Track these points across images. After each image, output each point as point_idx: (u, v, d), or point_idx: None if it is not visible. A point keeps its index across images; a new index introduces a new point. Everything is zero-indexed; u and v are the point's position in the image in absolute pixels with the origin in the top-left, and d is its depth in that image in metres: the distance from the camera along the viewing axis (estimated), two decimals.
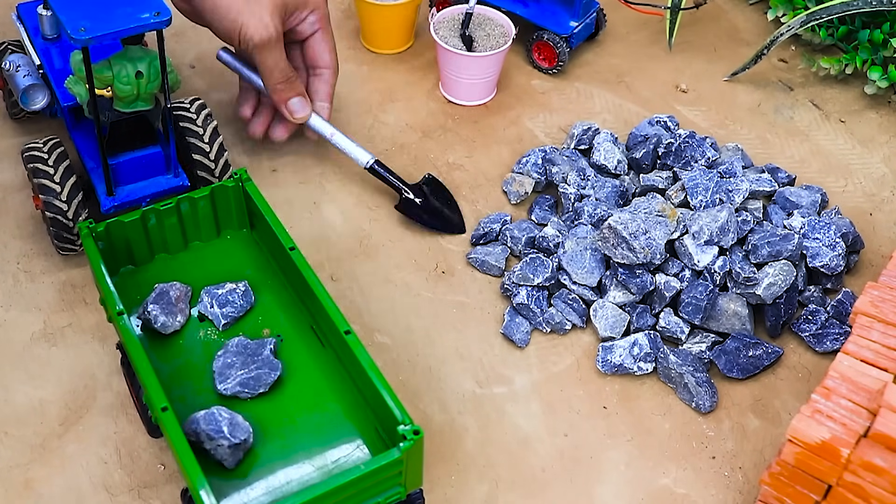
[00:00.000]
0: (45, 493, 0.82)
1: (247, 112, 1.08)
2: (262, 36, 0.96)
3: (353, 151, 1.03)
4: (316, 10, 1.02)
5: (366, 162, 1.03)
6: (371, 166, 1.03)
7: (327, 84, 1.06)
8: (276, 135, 1.07)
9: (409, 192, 1.02)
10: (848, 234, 0.97)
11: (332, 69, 1.06)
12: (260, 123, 1.07)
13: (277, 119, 1.07)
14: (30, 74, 1.00)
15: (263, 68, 0.99)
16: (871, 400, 0.70)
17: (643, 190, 1.01)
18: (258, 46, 0.97)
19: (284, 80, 1.00)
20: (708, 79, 1.23)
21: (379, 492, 0.71)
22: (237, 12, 0.95)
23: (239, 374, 0.79)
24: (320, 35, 1.04)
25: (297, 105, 1.02)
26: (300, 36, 1.04)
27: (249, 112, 1.08)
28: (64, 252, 0.96)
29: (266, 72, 1.00)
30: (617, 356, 0.90)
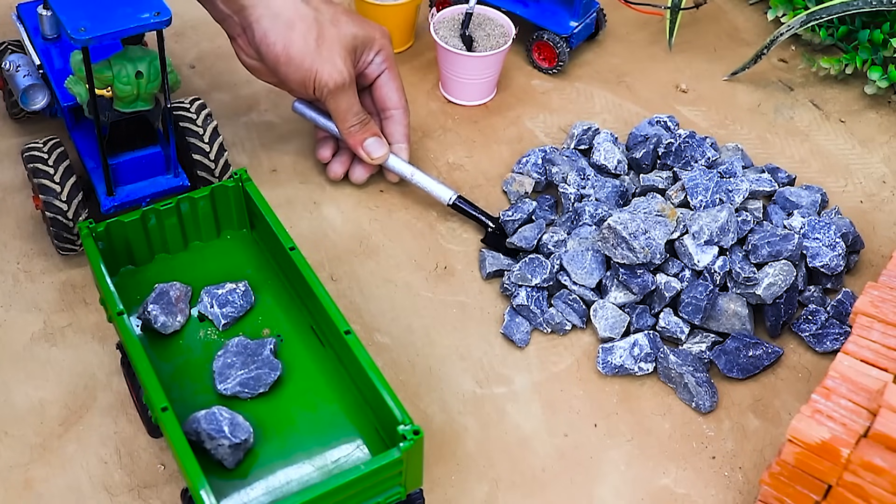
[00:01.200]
0: (45, 493, 0.82)
1: (326, 154, 1.06)
2: (336, 81, 0.97)
3: (434, 189, 1.02)
4: (382, 49, 1.02)
5: (448, 199, 1.01)
6: (454, 203, 1.01)
7: (401, 125, 1.05)
8: (356, 176, 1.06)
9: (495, 226, 1.00)
10: (848, 234, 0.97)
11: (404, 109, 1.05)
12: (340, 164, 1.06)
13: (357, 161, 1.06)
14: (30, 74, 1.00)
15: (337, 113, 1.00)
16: (871, 400, 0.70)
17: (643, 190, 1.01)
18: (332, 92, 0.98)
19: (358, 122, 1.00)
20: (708, 79, 1.23)
21: (379, 492, 0.71)
22: (311, 60, 0.96)
23: (239, 374, 0.79)
24: (388, 75, 1.03)
25: (373, 146, 1.02)
26: (368, 79, 1.04)
27: (329, 154, 1.06)
28: (64, 252, 0.96)
29: (340, 116, 1.00)
30: (617, 357, 0.90)
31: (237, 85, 1.18)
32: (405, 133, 1.05)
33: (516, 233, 0.98)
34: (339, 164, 1.06)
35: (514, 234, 0.98)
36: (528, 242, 0.97)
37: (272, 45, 0.96)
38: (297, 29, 0.96)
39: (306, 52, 0.96)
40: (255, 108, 1.15)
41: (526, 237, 0.97)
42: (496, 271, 0.97)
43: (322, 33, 0.97)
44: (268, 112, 1.15)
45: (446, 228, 1.03)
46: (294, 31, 0.96)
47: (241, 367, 0.79)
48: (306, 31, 0.96)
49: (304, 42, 0.96)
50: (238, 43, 1.00)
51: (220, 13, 0.99)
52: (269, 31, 0.96)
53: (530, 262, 0.94)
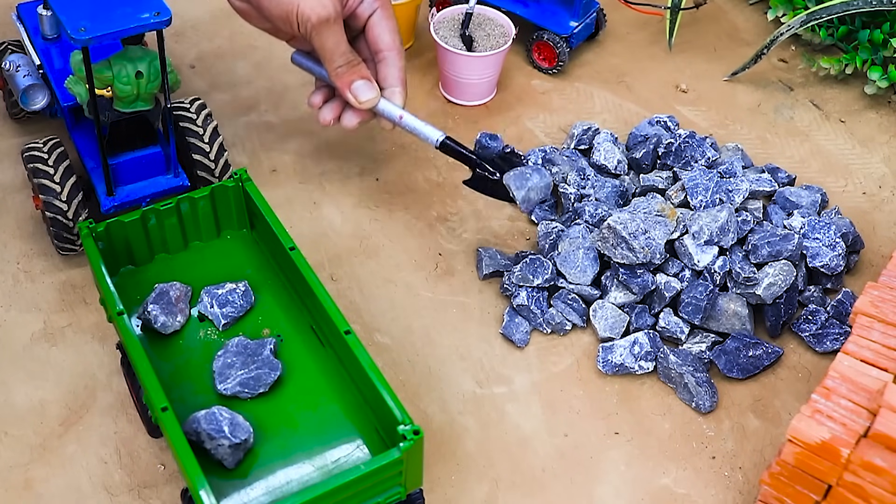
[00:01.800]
0: (45, 493, 0.82)
1: (317, 100, 1.01)
2: (319, 15, 0.91)
3: (423, 130, 0.97)
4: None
5: (436, 139, 0.97)
6: (442, 142, 0.96)
7: (395, 67, 0.98)
8: (346, 122, 1.00)
9: (484, 168, 0.96)
10: (848, 234, 0.97)
11: (398, 50, 0.98)
12: (330, 110, 1.00)
13: (348, 106, 1.00)
14: (30, 74, 1.00)
15: (323, 51, 0.94)
16: (871, 400, 0.70)
17: (643, 190, 1.01)
18: (316, 27, 0.92)
19: (346, 62, 0.94)
20: (708, 79, 1.23)
21: (379, 492, 0.71)
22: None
23: (239, 374, 0.79)
24: (380, 14, 0.97)
25: (361, 88, 0.95)
26: (360, 21, 0.97)
27: (319, 101, 1.01)
28: (64, 252, 0.96)
29: (326, 54, 0.94)
30: (618, 356, 0.90)
31: (237, 85, 1.19)
32: (400, 76, 0.98)
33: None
34: (329, 109, 1.00)
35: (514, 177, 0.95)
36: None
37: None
38: None
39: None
40: (255, 108, 1.15)
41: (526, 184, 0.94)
42: (493, 272, 0.97)
43: None
44: (268, 112, 1.15)
45: (446, 228, 1.03)
46: None
47: (241, 367, 0.79)
48: None
49: None
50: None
51: None
52: None
53: (531, 262, 0.94)
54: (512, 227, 1.04)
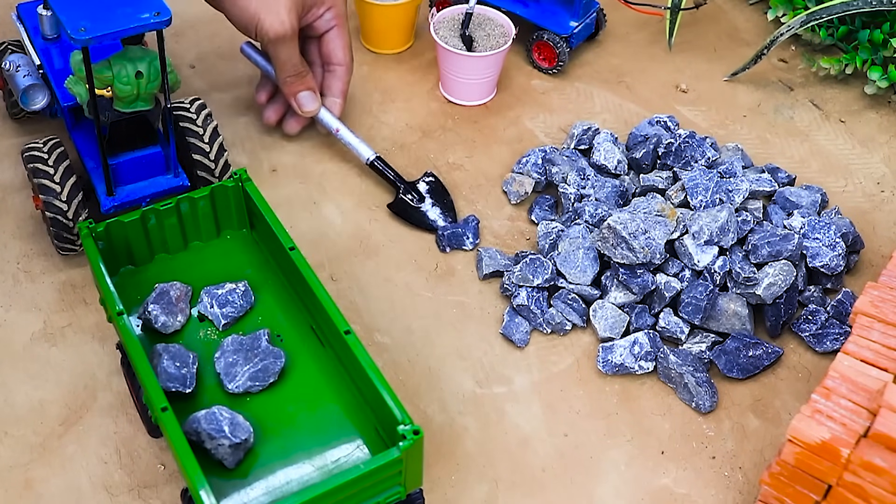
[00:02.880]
0: (45, 493, 0.82)
1: (262, 98, 1.10)
2: (276, 31, 0.99)
3: (357, 146, 1.06)
4: (333, 7, 1.05)
5: (367, 158, 1.05)
6: (372, 162, 1.05)
7: (340, 80, 1.08)
8: (288, 127, 1.10)
9: (406, 192, 1.04)
10: (848, 234, 0.97)
11: (346, 66, 1.08)
12: (274, 111, 1.10)
13: (291, 112, 1.10)
14: (30, 74, 1.00)
15: (276, 62, 1.03)
16: (871, 400, 0.70)
17: (643, 190, 1.01)
18: (273, 41, 1.00)
19: (295, 73, 1.03)
20: (708, 79, 1.23)
21: (379, 491, 0.71)
22: (256, 7, 0.99)
23: (245, 369, 0.79)
24: (336, 32, 1.06)
25: (305, 98, 1.05)
26: (316, 32, 1.06)
27: (265, 98, 1.10)
28: (64, 252, 0.96)
29: (279, 65, 1.03)
30: (618, 356, 0.90)
31: (237, 85, 1.19)
32: (342, 89, 1.08)
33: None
34: (273, 110, 1.10)
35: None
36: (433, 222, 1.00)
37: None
38: None
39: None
40: (255, 108, 1.15)
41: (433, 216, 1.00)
42: (494, 272, 0.97)
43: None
44: None
45: None
46: None
47: (245, 363, 0.79)
48: None
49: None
50: None
51: None
52: None
53: (531, 262, 0.94)
54: (512, 227, 1.04)
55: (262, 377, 0.79)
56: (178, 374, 0.78)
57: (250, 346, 0.81)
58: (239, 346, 0.81)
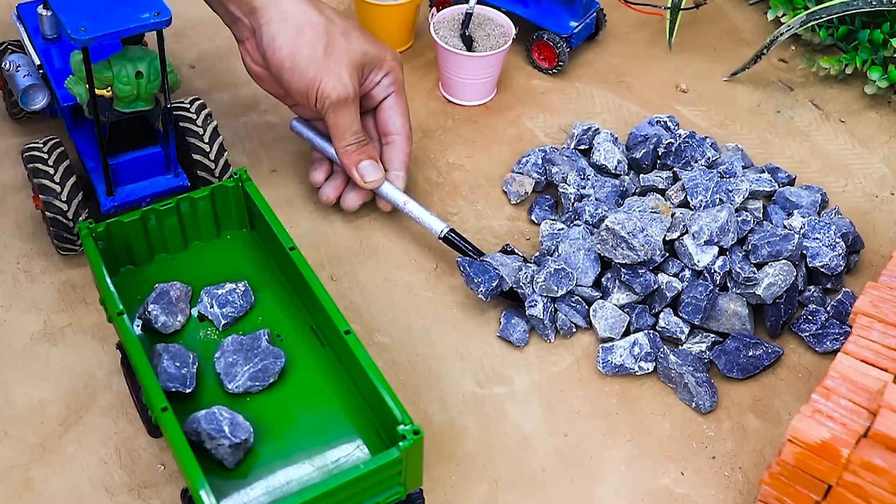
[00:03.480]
0: (45, 493, 0.82)
1: (319, 178, 1.03)
2: (339, 94, 0.94)
3: (427, 220, 0.98)
4: (391, 72, 0.99)
5: (440, 231, 0.97)
6: (445, 235, 0.97)
7: (401, 152, 1.01)
8: (348, 203, 1.02)
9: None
10: (848, 234, 0.97)
11: (406, 136, 1.01)
12: (333, 188, 1.02)
13: (350, 187, 1.02)
14: (30, 74, 1.00)
15: (336, 129, 0.96)
16: (871, 400, 0.70)
17: (643, 190, 1.01)
18: (334, 105, 0.94)
19: (356, 141, 0.97)
20: (708, 79, 1.23)
21: (379, 491, 0.71)
22: (316, 70, 0.93)
23: (245, 369, 0.79)
24: (394, 99, 1.00)
25: (368, 168, 0.98)
26: (373, 101, 1.01)
27: (322, 177, 1.03)
28: (64, 252, 0.96)
29: (338, 132, 0.96)
30: (617, 356, 0.90)
31: (237, 85, 1.19)
32: (404, 161, 1.01)
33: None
34: (331, 187, 1.02)
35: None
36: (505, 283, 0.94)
37: (278, 50, 0.94)
38: (305, 35, 0.93)
39: (312, 59, 0.93)
40: (255, 108, 1.15)
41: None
42: (505, 291, 0.94)
43: (331, 43, 0.94)
44: (268, 112, 1.15)
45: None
46: (303, 38, 0.93)
47: (245, 363, 0.79)
48: (315, 39, 0.94)
49: (311, 49, 0.93)
50: (245, 47, 0.98)
51: (231, 16, 0.97)
52: (277, 35, 0.93)
53: (557, 273, 0.92)
54: (512, 226, 1.04)
55: (262, 377, 0.79)
56: (178, 374, 0.78)
57: (250, 346, 0.81)
58: (239, 346, 0.81)
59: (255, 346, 0.80)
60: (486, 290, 0.91)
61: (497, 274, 0.92)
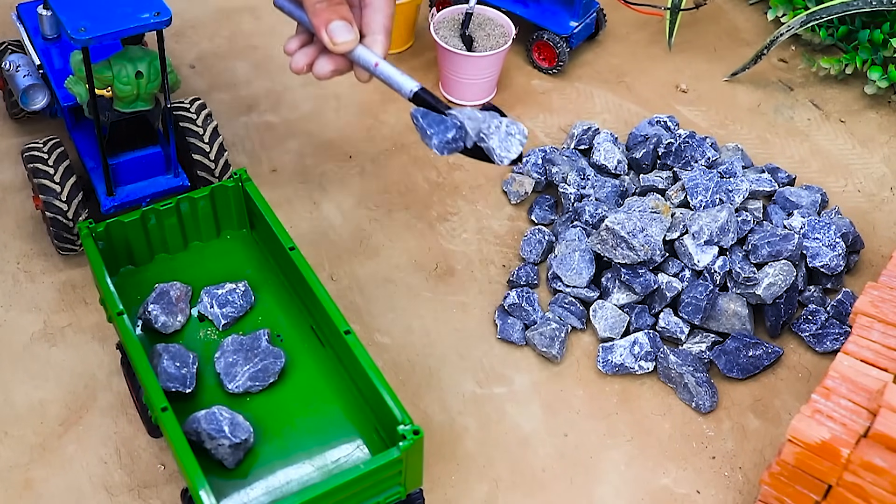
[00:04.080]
0: (45, 493, 0.82)
1: (292, 46, 0.91)
2: None
3: (398, 80, 0.87)
4: None
5: (410, 90, 0.86)
6: (416, 93, 0.86)
7: (381, 13, 0.90)
8: (319, 69, 0.90)
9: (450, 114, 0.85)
10: (848, 234, 0.97)
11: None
12: (304, 55, 0.90)
13: (323, 53, 0.90)
14: (30, 74, 1.00)
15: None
16: (871, 400, 0.70)
17: (643, 190, 1.01)
18: None
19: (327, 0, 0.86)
20: (708, 79, 1.23)
21: (379, 491, 0.71)
22: None
23: (245, 369, 0.79)
24: None
25: (339, 29, 0.86)
26: None
27: (295, 46, 0.91)
28: (64, 252, 0.96)
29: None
30: (618, 356, 0.90)
31: (237, 85, 1.19)
32: (384, 24, 0.90)
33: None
34: (303, 54, 0.90)
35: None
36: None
37: None
38: None
39: None
40: (255, 108, 1.15)
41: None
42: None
43: None
44: (268, 112, 1.15)
45: (446, 229, 1.03)
46: None
47: (245, 363, 0.79)
48: None
49: None
50: None
51: None
52: None
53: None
54: (512, 226, 1.04)
55: (262, 377, 0.79)
56: (178, 374, 0.78)
57: (250, 346, 0.81)
58: (239, 346, 0.81)
59: (255, 346, 0.80)
60: (440, 142, 0.80)
61: (454, 124, 0.82)
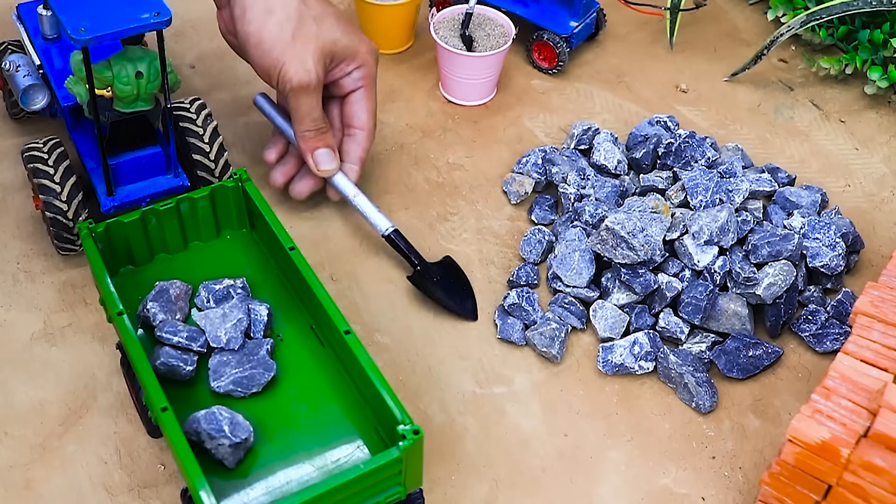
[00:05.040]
0: (45, 493, 0.82)
1: (271, 156, 1.02)
2: (301, 80, 0.92)
3: (373, 217, 0.97)
4: (363, 66, 0.98)
5: (384, 230, 0.97)
6: (388, 234, 0.97)
7: (360, 147, 1.00)
8: (297, 189, 1.01)
9: (423, 267, 0.96)
10: (848, 234, 0.97)
11: (368, 132, 1.00)
12: (282, 173, 1.02)
13: (302, 173, 1.01)
14: (30, 74, 1.00)
15: (296, 113, 0.95)
16: (871, 400, 0.70)
17: (643, 190, 1.01)
18: (295, 90, 0.93)
19: (315, 128, 0.96)
20: (708, 79, 1.23)
21: (379, 491, 0.71)
22: (280, 51, 0.92)
23: (233, 372, 0.79)
24: (362, 93, 0.99)
25: (323, 156, 0.97)
26: (341, 90, 0.99)
27: (274, 157, 1.02)
28: (64, 252, 0.96)
29: (298, 117, 0.95)
30: (618, 356, 0.90)
31: (237, 85, 1.19)
32: (361, 156, 1.00)
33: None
34: (280, 172, 1.02)
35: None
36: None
37: (247, 24, 0.93)
38: (275, 14, 0.92)
39: (278, 40, 0.92)
40: (254, 108, 1.15)
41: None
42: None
43: (301, 27, 0.93)
44: None
45: (446, 229, 1.03)
46: (271, 17, 0.92)
47: (235, 366, 0.79)
48: (284, 20, 0.92)
49: (278, 30, 0.92)
50: (221, 14, 0.98)
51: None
52: (247, 9, 0.93)
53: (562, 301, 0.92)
54: (512, 226, 1.04)
55: (246, 384, 0.79)
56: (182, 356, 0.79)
57: (250, 350, 0.80)
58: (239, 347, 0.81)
59: (254, 352, 0.80)
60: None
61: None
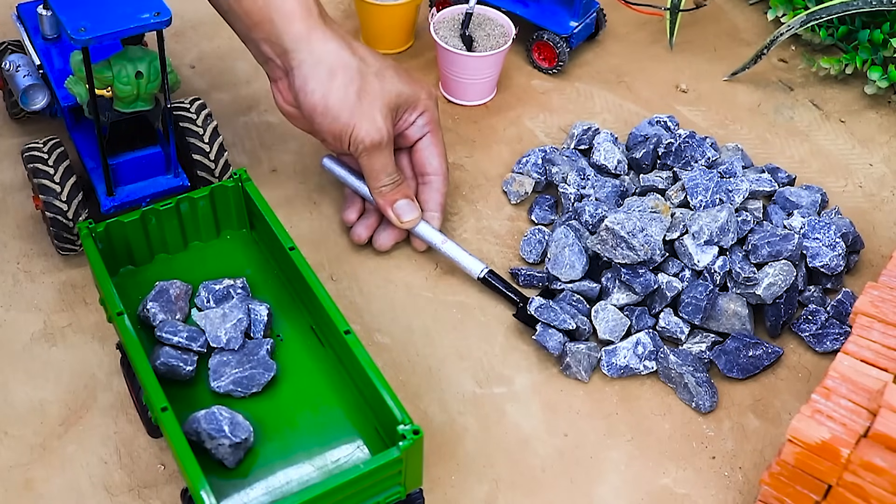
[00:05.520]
0: (45, 493, 0.82)
1: (351, 216, 1.00)
2: (373, 139, 0.92)
3: (465, 262, 0.96)
4: (426, 111, 0.97)
5: (478, 273, 0.95)
6: (484, 277, 0.95)
7: (437, 192, 0.99)
8: (381, 242, 0.99)
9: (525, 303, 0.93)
10: (848, 234, 0.97)
11: (443, 176, 0.99)
12: (366, 227, 1.00)
13: (384, 225, 0.99)
14: (30, 74, 1.00)
15: (370, 171, 0.94)
16: (871, 400, 0.70)
17: (643, 190, 1.01)
18: (368, 149, 0.92)
19: (391, 182, 0.95)
20: (708, 79, 1.23)
21: (378, 491, 0.71)
22: (349, 115, 0.91)
23: (233, 372, 0.79)
24: (429, 139, 0.98)
25: (404, 208, 0.96)
26: (408, 141, 0.99)
27: (354, 216, 1.00)
28: (64, 252, 0.96)
29: (373, 174, 0.94)
30: (621, 358, 0.90)
31: (237, 85, 1.19)
32: (440, 202, 0.99)
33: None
34: (363, 227, 0.99)
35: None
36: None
37: (311, 94, 0.91)
38: (338, 78, 0.91)
39: (345, 104, 0.91)
40: (255, 108, 1.15)
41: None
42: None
43: (364, 86, 0.92)
44: (268, 112, 1.15)
45: (446, 228, 1.03)
46: (335, 81, 0.91)
47: (235, 366, 0.79)
48: (348, 82, 0.91)
49: (344, 93, 0.91)
50: (278, 87, 0.95)
51: (263, 55, 0.94)
52: (309, 78, 0.91)
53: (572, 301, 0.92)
54: (512, 226, 1.04)
55: (246, 385, 0.79)
56: (182, 355, 0.79)
57: (250, 350, 0.80)
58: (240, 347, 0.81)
59: (254, 352, 0.80)
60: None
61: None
